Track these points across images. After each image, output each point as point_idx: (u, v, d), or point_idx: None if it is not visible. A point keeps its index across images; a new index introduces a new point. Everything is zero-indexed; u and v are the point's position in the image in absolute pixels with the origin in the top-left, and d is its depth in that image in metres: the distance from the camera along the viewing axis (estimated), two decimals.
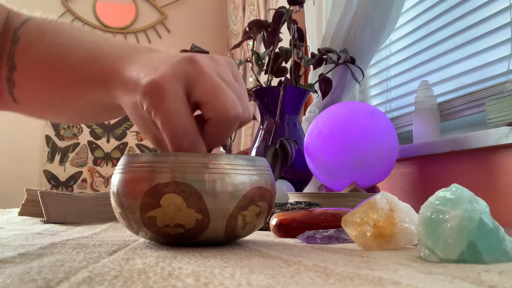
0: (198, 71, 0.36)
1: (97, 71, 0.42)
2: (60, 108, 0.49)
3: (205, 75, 0.36)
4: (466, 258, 0.29)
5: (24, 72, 0.47)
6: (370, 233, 0.37)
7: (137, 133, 3.13)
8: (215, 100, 0.36)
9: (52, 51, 0.46)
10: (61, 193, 0.71)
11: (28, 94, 0.48)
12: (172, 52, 0.41)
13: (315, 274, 0.25)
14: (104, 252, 0.34)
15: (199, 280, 0.23)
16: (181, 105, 0.36)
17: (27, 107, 0.50)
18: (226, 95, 0.36)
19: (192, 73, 0.36)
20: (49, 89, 0.47)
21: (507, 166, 0.81)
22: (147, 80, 0.36)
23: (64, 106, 0.48)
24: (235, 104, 0.36)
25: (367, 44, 1.17)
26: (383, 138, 0.91)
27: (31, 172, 2.94)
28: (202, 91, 0.36)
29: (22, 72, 0.47)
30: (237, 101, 0.37)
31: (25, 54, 0.47)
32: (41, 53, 0.46)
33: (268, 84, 1.16)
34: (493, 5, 0.94)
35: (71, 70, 0.44)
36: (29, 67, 0.47)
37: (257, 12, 2.47)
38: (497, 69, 0.93)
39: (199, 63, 0.37)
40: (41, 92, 0.47)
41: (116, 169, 0.39)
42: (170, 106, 0.35)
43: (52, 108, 0.50)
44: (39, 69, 0.46)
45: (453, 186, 0.32)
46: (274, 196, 0.41)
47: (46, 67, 0.46)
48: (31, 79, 0.47)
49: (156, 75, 0.36)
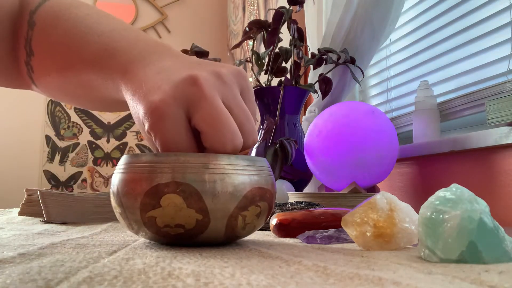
0: (200, 95, 0.35)
1: (109, 70, 0.42)
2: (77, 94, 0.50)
3: (206, 100, 0.35)
4: (466, 258, 0.29)
5: (40, 60, 0.47)
6: (370, 233, 0.37)
7: (137, 133, 3.13)
8: (213, 131, 0.35)
9: (67, 41, 0.45)
10: (61, 193, 0.71)
11: (45, 81, 0.49)
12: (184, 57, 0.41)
13: (315, 274, 0.25)
14: (104, 252, 0.34)
15: (199, 280, 0.23)
16: (181, 130, 0.36)
17: (46, 91, 0.51)
18: (225, 127, 0.35)
19: (194, 96, 0.35)
20: (64, 79, 0.47)
21: (507, 166, 0.81)
22: (149, 101, 0.36)
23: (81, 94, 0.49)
24: (233, 137, 0.36)
25: (367, 44, 1.17)
26: (383, 138, 0.91)
27: (31, 172, 2.94)
28: (201, 118, 0.35)
29: (38, 60, 0.47)
30: (237, 133, 0.36)
31: (41, 41, 0.47)
32: (56, 43, 0.46)
33: (268, 84, 1.16)
34: (493, 5, 0.94)
35: (84, 64, 0.44)
36: (45, 56, 0.47)
37: (257, 12, 2.47)
38: (497, 69, 0.93)
39: (202, 86, 0.35)
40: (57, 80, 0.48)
41: (116, 169, 0.39)
42: (170, 131, 0.35)
43: (69, 96, 0.50)
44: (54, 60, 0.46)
45: (453, 186, 0.32)
46: (274, 196, 0.41)
47: (60, 58, 0.46)
48: (47, 67, 0.47)
49: (157, 98, 0.35)
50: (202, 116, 0.35)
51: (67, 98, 0.52)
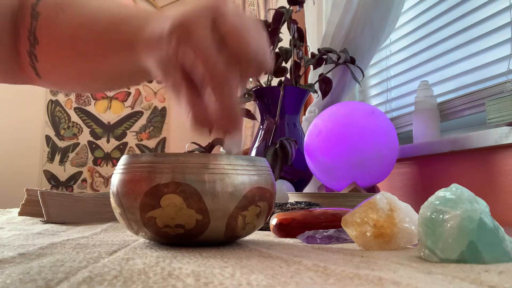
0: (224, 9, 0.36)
1: (122, 35, 0.43)
2: (84, 77, 0.50)
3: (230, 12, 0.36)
4: (466, 258, 0.29)
5: (47, 46, 0.48)
6: (370, 233, 0.37)
7: (137, 133, 3.13)
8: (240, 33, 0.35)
9: (75, 23, 0.46)
10: (61, 193, 0.71)
11: (52, 67, 0.49)
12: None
13: (315, 274, 0.25)
14: (104, 252, 0.34)
15: (199, 280, 0.23)
16: (210, 36, 0.35)
17: (50, 80, 0.51)
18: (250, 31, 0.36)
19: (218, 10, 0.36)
20: (74, 60, 0.47)
21: (507, 166, 0.81)
22: (175, 18, 0.36)
23: (88, 74, 0.49)
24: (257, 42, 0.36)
25: (367, 44, 1.17)
26: (383, 138, 0.91)
27: (31, 172, 2.94)
28: (230, 24, 0.36)
29: (44, 46, 0.48)
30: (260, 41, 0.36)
31: (47, 28, 0.47)
32: (64, 27, 0.47)
33: (268, 84, 1.16)
34: (493, 5, 0.94)
35: (95, 38, 0.45)
36: (52, 41, 0.47)
37: (257, 12, 2.47)
38: (497, 69, 0.93)
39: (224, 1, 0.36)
40: (65, 64, 0.48)
41: (116, 169, 0.39)
42: (201, 32, 0.35)
43: (76, 79, 0.50)
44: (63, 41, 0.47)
45: (453, 186, 0.32)
46: (274, 196, 0.41)
47: (70, 39, 0.46)
48: (55, 52, 0.48)
49: (183, 13, 0.36)
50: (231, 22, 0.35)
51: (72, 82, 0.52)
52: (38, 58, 0.48)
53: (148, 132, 3.16)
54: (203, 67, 0.35)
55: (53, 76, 0.50)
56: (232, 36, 0.35)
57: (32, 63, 0.49)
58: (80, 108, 3.09)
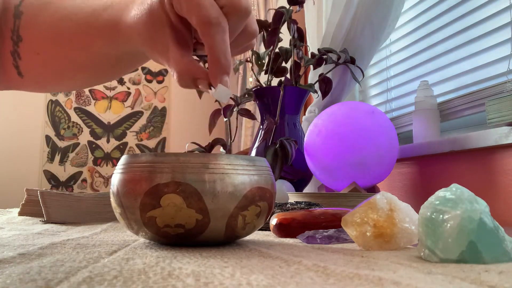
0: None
1: (106, 19, 0.43)
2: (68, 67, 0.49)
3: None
4: (466, 258, 0.29)
5: (30, 42, 0.48)
6: (370, 233, 0.37)
7: (137, 133, 3.14)
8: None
9: (58, 15, 0.47)
10: (61, 193, 0.71)
11: (34, 63, 0.49)
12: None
13: (315, 274, 0.25)
14: (104, 252, 0.34)
15: (199, 280, 0.23)
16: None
17: (32, 79, 0.51)
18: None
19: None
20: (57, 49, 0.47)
21: (507, 166, 0.81)
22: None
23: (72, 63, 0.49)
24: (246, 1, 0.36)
25: (367, 44, 1.17)
26: (383, 138, 0.91)
27: (31, 172, 2.94)
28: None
29: (28, 42, 0.48)
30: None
31: (30, 24, 0.48)
32: (48, 21, 0.47)
33: (268, 84, 1.16)
34: (493, 5, 0.94)
35: (79, 25, 0.45)
36: (35, 35, 0.48)
37: (257, 12, 2.47)
38: (497, 69, 0.93)
39: None
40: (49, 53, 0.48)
41: (116, 169, 0.39)
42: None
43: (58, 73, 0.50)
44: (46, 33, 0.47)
45: (453, 186, 0.32)
46: (274, 196, 0.41)
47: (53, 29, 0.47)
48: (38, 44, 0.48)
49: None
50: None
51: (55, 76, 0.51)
52: (21, 56, 0.48)
53: (148, 132, 3.16)
54: (197, 10, 0.34)
55: (36, 71, 0.50)
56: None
57: (15, 62, 0.49)
58: (80, 108, 3.09)
